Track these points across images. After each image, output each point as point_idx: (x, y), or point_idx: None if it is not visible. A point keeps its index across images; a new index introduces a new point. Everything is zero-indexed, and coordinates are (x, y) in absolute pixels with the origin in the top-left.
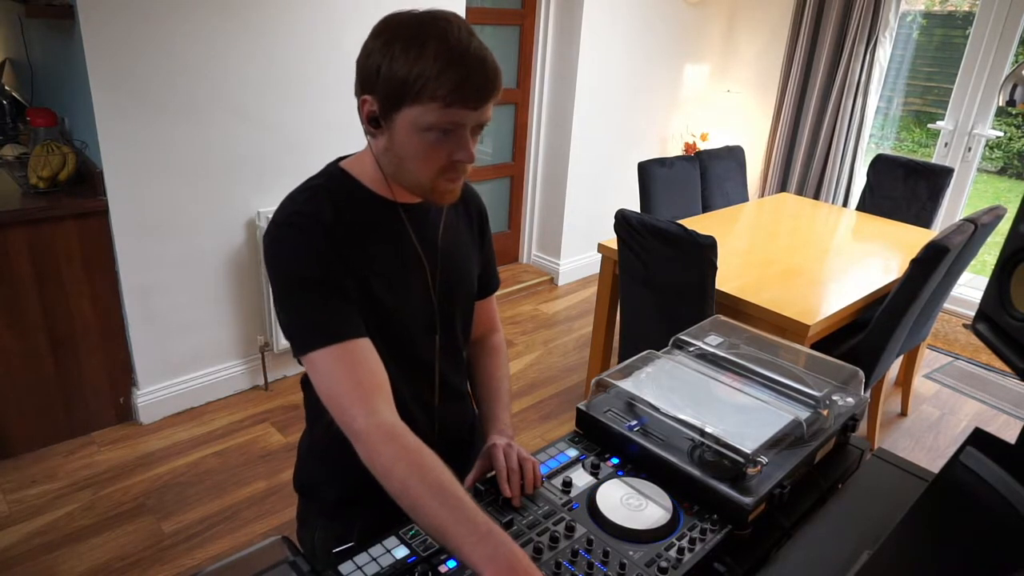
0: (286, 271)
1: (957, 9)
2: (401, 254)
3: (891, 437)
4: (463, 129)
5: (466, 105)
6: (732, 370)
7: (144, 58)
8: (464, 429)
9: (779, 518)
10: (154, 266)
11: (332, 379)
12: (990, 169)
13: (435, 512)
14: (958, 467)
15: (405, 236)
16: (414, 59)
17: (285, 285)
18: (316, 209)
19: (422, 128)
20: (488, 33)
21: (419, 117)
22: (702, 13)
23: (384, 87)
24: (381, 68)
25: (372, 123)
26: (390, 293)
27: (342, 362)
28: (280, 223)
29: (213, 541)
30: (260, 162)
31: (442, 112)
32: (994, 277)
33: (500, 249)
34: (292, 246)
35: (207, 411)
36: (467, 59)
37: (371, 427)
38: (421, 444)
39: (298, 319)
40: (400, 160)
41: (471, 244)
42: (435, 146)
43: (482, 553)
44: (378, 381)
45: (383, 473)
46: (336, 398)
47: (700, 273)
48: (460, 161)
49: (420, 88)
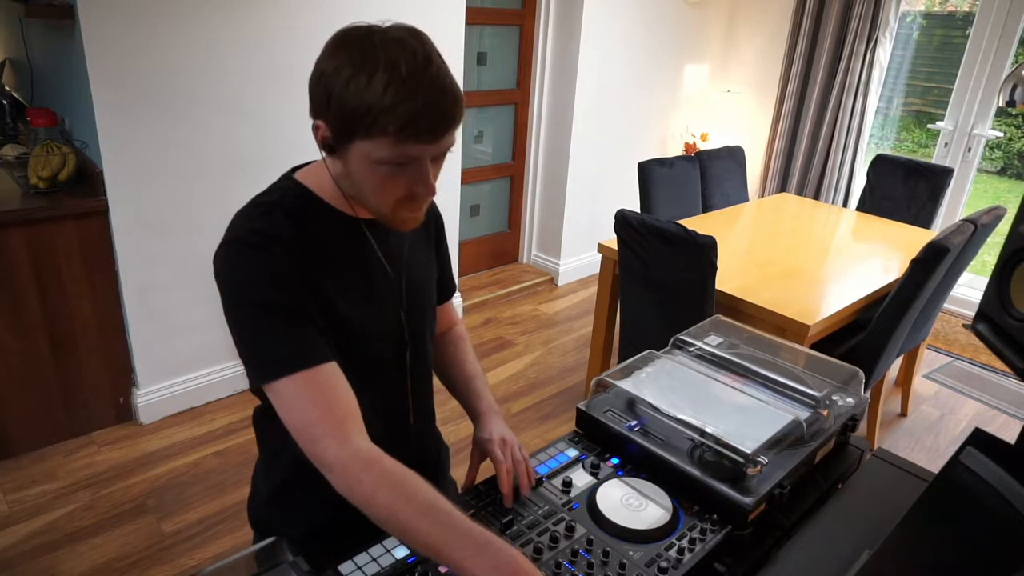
0: (244, 294)
1: (957, 9)
2: (366, 271)
3: (891, 437)
4: (420, 162)
5: (420, 140)
6: (732, 370)
7: (144, 58)
8: (433, 449)
9: (779, 518)
10: (154, 266)
11: (300, 409)
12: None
13: (427, 532)
14: (958, 467)
15: (370, 252)
16: (363, 89)
17: (242, 309)
18: (273, 226)
19: (375, 162)
20: (488, 33)
21: (371, 151)
22: (702, 13)
23: (335, 116)
24: (332, 95)
25: (327, 149)
26: (357, 311)
27: (309, 390)
28: (234, 241)
29: (213, 541)
30: (260, 162)
31: (395, 147)
32: (994, 277)
33: (500, 249)
34: (248, 268)
35: (207, 411)
36: (420, 90)
37: (345, 457)
38: (400, 466)
39: (258, 346)
40: (358, 189)
41: (429, 254)
42: (391, 179)
43: (485, 565)
44: (348, 408)
45: (365, 502)
46: (306, 429)
47: (700, 273)
48: (418, 194)
49: (371, 122)
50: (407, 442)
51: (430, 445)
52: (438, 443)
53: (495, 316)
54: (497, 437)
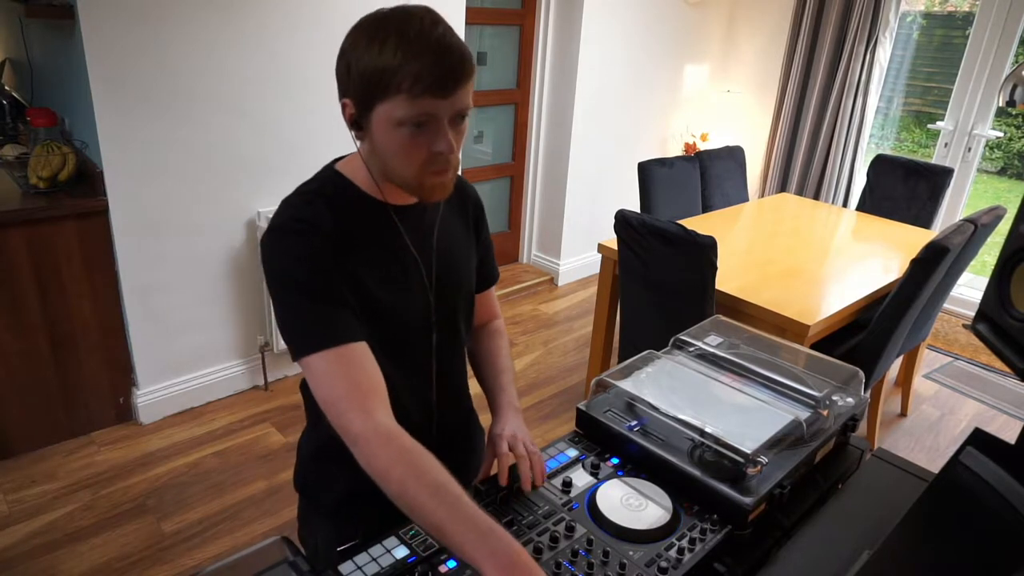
0: (284, 276)
1: (957, 9)
2: (396, 255)
3: (891, 437)
4: (438, 120)
5: (434, 94)
6: (732, 370)
7: (144, 58)
8: (463, 431)
9: (779, 518)
10: (154, 266)
11: (328, 383)
12: (990, 169)
13: (434, 511)
14: (958, 467)
15: (398, 238)
16: (377, 54)
17: (283, 290)
18: (313, 214)
19: (395, 124)
20: (488, 33)
21: (390, 112)
22: (702, 13)
23: (356, 87)
24: (351, 68)
25: (354, 126)
26: (388, 295)
27: (338, 366)
28: (277, 228)
29: (213, 541)
30: (260, 162)
31: (411, 104)
32: (994, 277)
33: (500, 249)
34: (290, 251)
35: (207, 411)
36: (430, 47)
37: (368, 430)
38: (418, 446)
39: (295, 323)
40: (383, 160)
41: (468, 240)
42: (412, 141)
43: (483, 551)
44: (374, 384)
45: (381, 475)
46: (332, 402)
47: (700, 273)
48: (440, 153)
49: (387, 83)
50: (429, 425)
51: (459, 431)
52: (470, 430)
53: None
54: (508, 433)
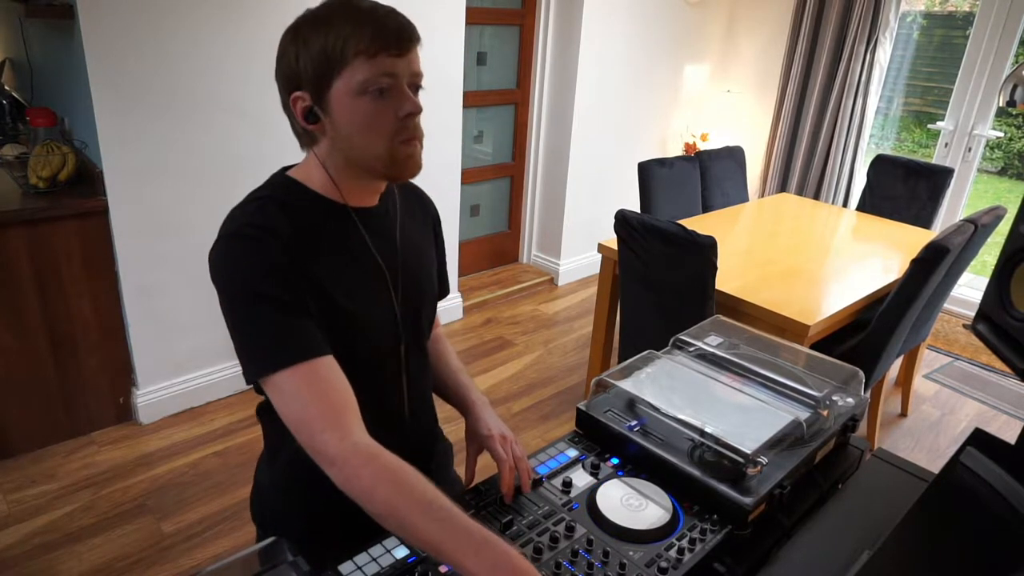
0: (240, 287)
1: (957, 9)
2: (359, 260)
3: (891, 437)
4: (398, 81)
5: (389, 51)
6: (732, 370)
7: (144, 58)
8: (430, 442)
9: (779, 518)
10: (154, 266)
11: (298, 402)
12: (990, 169)
13: (426, 528)
14: (958, 467)
15: (360, 241)
16: (325, 31)
17: (239, 302)
18: (268, 220)
19: (357, 92)
20: (488, 33)
21: (351, 80)
22: (702, 13)
23: (308, 70)
24: (300, 56)
25: (309, 118)
26: (352, 302)
27: (308, 382)
28: (229, 236)
29: (213, 541)
30: (260, 162)
31: (369, 65)
32: (994, 277)
33: (500, 249)
34: (245, 260)
35: (207, 411)
36: (375, 12)
37: (346, 450)
38: (400, 462)
39: (256, 339)
40: (349, 142)
41: (429, 246)
42: (377, 109)
43: (483, 563)
44: (346, 400)
45: (365, 496)
46: (305, 423)
47: (700, 273)
48: (409, 115)
49: (342, 50)
50: (399, 436)
51: (425, 441)
52: (435, 440)
53: (495, 316)
54: (496, 433)
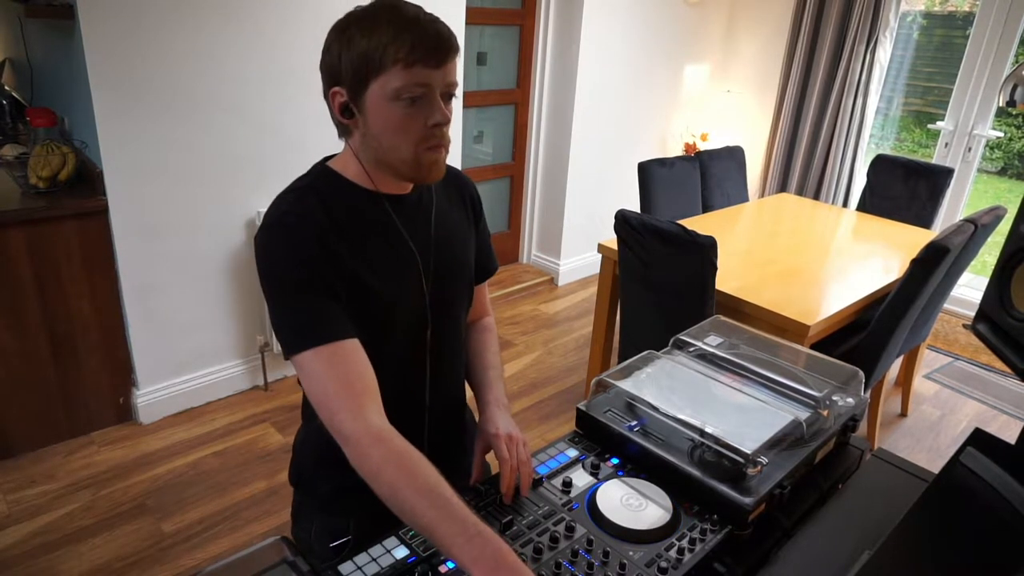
0: (276, 273)
1: (957, 9)
2: (392, 246)
3: (891, 437)
4: (431, 92)
5: (427, 64)
6: (732, 370)
7: (144, 58)
8: (456, 431)
9: (779, 518)
10: (154, 266)
11: (320, 381)
12: (990, 169)
13: (423, 512)
14: (958, 467)
15: (392, 228)
16: (369, 34)
17: (276, 287)
18: (306, 209)
19: (391, 97)
20: (488, 33)
21: (386, 85)
22: (702, 13)
23: (348, 70)
24: (342, 55)
25: (345, 113)
26: (382, 284)
27: (330, 363)
28: (270, 225)
29: (213, 541)
30: (259, 162)
31: (406, 74)
32: (994, 277)
33: (500, 249)
34: (282, 248)
35: (207, 411)
36: (419, 23)
37: (359, 431)
38: (409, 447)
39: (288, 320)
40: (379, 142)
41: (467, 230)
42: (408, 115)
43: (470, 553)
44: (366, 383)
45: (371, 476)
46: (324, 401)
47: (700, 273)
48: (437, 125)
49: (381, 56)
50: (420, 421)
51: (450, 427)
52: (462, 426)
53: (495, 316)
54: (504, 433)
